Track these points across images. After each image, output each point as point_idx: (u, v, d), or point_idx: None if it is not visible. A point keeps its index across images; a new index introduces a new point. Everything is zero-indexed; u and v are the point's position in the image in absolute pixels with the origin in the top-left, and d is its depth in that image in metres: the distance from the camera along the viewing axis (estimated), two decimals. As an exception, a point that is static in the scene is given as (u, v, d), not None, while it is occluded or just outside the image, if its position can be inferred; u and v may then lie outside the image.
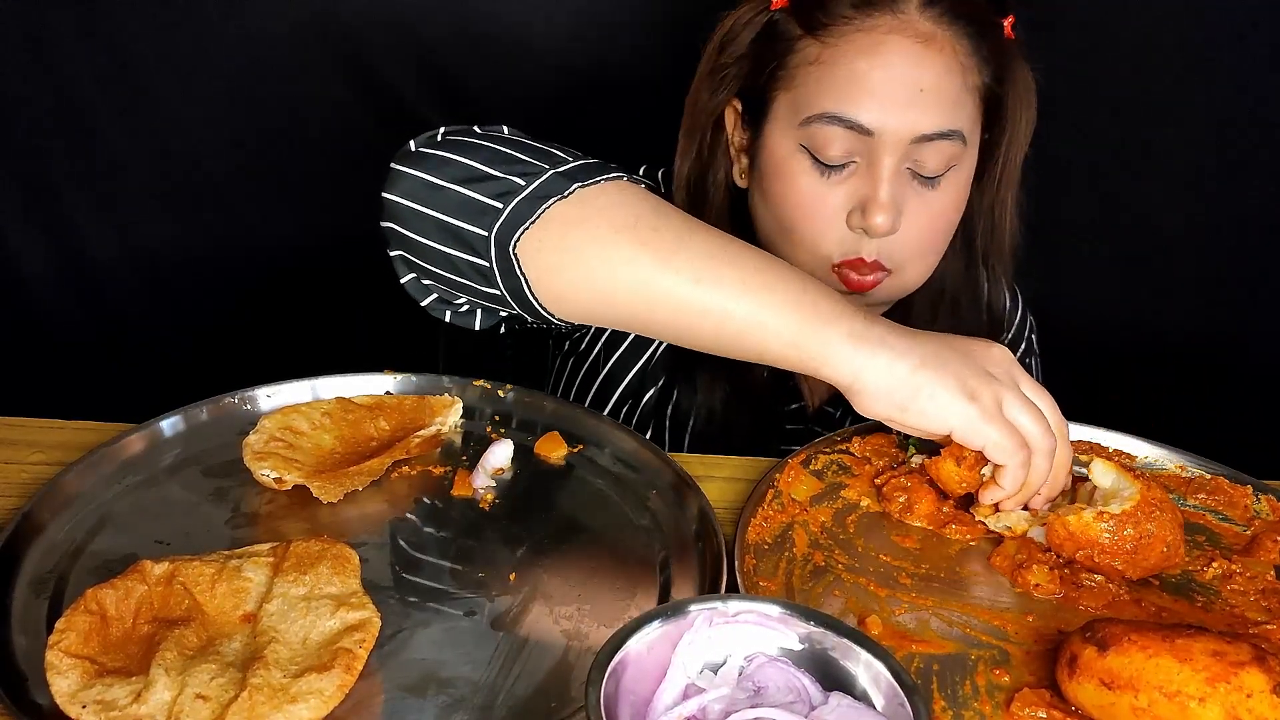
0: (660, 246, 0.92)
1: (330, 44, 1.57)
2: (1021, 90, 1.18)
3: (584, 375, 1.33)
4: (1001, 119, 1.18)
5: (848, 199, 1.12)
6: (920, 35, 1.09)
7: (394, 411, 1.05)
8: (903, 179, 1.11)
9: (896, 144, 1.09)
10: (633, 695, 0.68)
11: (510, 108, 1.62)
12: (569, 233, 0.93)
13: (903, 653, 0.83)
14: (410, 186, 0.96)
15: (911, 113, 1.09)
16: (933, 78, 1.09)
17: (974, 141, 1.15)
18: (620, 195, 0.96)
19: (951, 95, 1.10)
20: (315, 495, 0.92)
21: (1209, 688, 0.70)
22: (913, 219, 1.13)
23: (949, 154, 1.11)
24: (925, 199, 1.13)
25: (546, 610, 0.85)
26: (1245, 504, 1.03)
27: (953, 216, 1.17)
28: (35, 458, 0.99)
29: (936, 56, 1.09)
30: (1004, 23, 1.16)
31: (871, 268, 1.14)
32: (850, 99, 1.09)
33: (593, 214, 0.94)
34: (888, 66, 1.09)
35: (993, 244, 1.25)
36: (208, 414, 1.03)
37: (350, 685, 0.74)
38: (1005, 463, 0.91)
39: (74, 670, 0.72)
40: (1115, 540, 0.90)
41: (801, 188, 1.13)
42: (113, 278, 1.68)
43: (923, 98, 1.09)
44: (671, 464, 1.00)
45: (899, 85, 1.09)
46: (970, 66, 1.12)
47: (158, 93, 1.56)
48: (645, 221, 0.94)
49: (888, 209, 1.10)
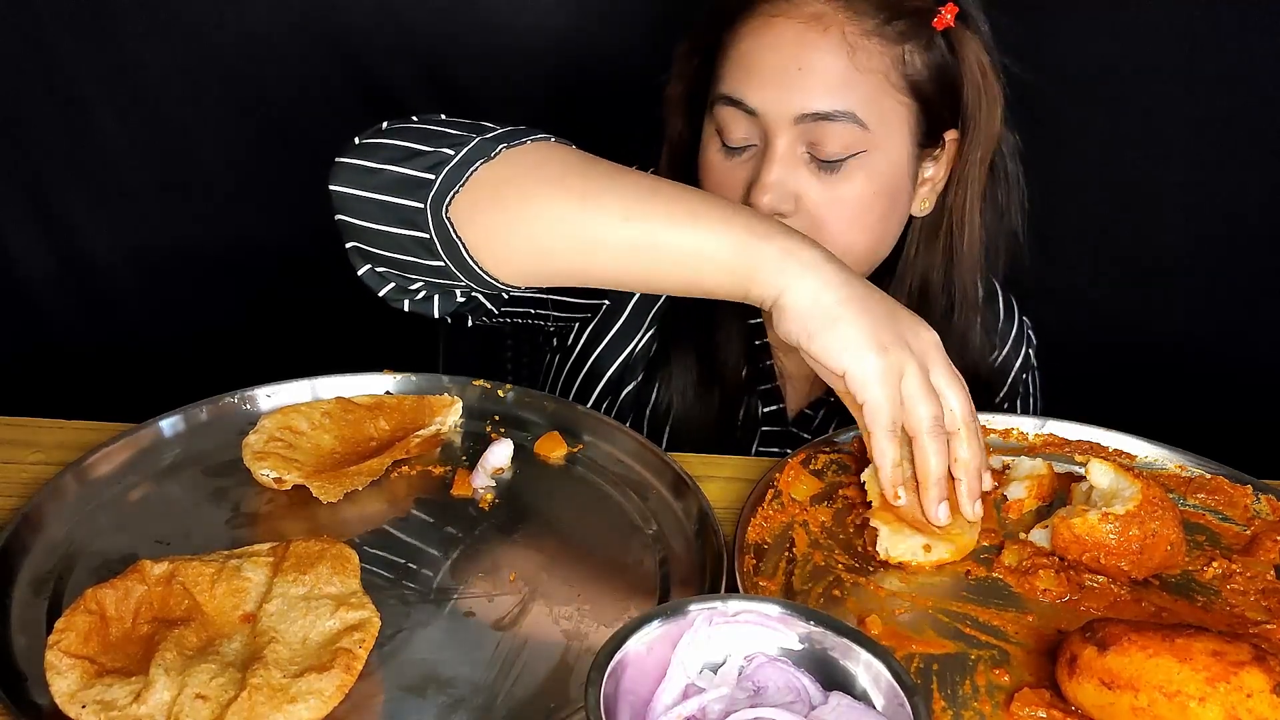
0: (587, 192, 0.93)
1: (329, 44, 1.57)
2: (978, 84, 1.17)
3: (569, 369, 1.34)
4: (958, 116, 1.18)
5: (746, 180, 1.14)
6: (808, 16, 1.11)
7: (394, 411, 1.05)
8: (797, 162, 1.12)
9: (781, 123, 1.10)
10: (632, 695, 0.68)
11: (508, 106, 1.62)
12: (499, 193, 0.94)
13: (903, 653, 0.83)
14: (350, 174, 0.98)
15: (791, 92, 1.10)
16: (814, 56, 1.10)
17: (890, 130, 1.13)
18: (547, 152, 0.97)
19: (837, 75, 1.10)
20: (315, 495, 0.92)
21: (1209, 687, 0.70)
22: (812, 203, 1.13)
23: (846, 138, 1.11)
24: (826, 184, 1.13)
25: (546, 610, 0.85)
26: (1245, 504, 1.03)
27: (863, 205, 1.14)
28: (35, 458, 0.99)
29: (820, 36, 1.10)
30: (940, 10, 1.14)
31: None
32: (737, 80, 1.13)
33: (520, 172, 0.95)
34: (770, 47, 1.11)
35: (960, 246, 1.24)
36: (208, 414, 1.03)
37: (350, 685, 0.74)
38: (873, 430, 0.89)
39: (74, 670, 0.72)
40: (1121, 541, 0.90)
41: (710, 169, 1.18)
42: (112, 277, 1.68)
43: (802, 76, 1.09)
44: (671, 464, 1.00)
45: (777, 65, 1.10)
46: (870, 50, 1.10)
47: (157, 92, 1.56)
48: (573, 170, 0.95)
49: (771, 189, 1.10)
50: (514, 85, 1.62)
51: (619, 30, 1.60)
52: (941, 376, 0.92)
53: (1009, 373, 1.39)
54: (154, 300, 1.71)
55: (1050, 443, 1.11)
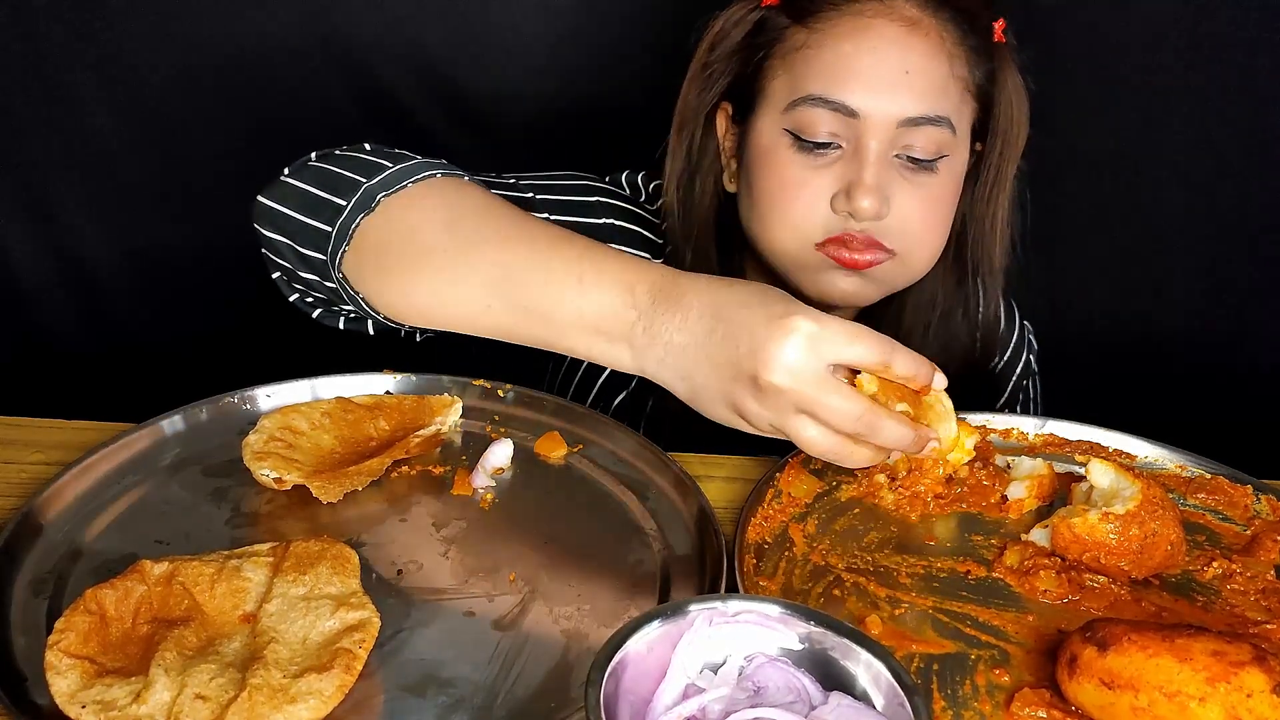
0: (456, 275, 0.94)
1: (326, 45, 1.57)
2: (1013, 98, 1.18)
3: (565, 372, 1.33)
4: (993, 126, 1.19)
5: (833, 182, 1.12)
6: (906, 20, 1.10)
7: (394, 411, 1.05)
8: (890, 165, 1.11)
9: (883, 126, 1.09)
10: (633, 695, 0.68)
11: (507, 111, 1.62)
12: (381, 260, 0.97)
13: (903, 653, 0.83)
14: (267, 215, 1.03)
15: (898, 95, 1.09)
16: (919, 60, 1.10)
17: (964, 135, 1.15)
18: (422, 211, 0.97)
19: (938, 80, 1.11)
20: (315, 495, 0.92)
21: (1209, 687, 0.70)
22: (904, 204, 1.12)
23: (938, 141, 1.11)
24: (917, 184, 1.13)
25: (546, 610, 0.85)
26: (1245, 504, 1.03)
27: (948, 206, 1.17)
28: (35, 458, 0.99)
29: (922, 41, 1.10)
30: (994, 25, 1.16)
31: (865, 244, 1.12)
32: (836, 81, 1.10)
33: (397, 237, 0.97)
34: (873, 49, 1.10)
35: (983, 257, 1.25)
36: (208, 414, 1.03)
37: (350, 685, 0.74)
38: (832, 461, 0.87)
39: (74, 670, 0.72)
40: (1122, 540, 0.90)
41: (785, 170, 1.14)
42: (112, 278, 1.68)
43: (909, 80, 1.09)
44: (671, 464, 1.00)
45: (885, 67, 1.09)
46: (957, 56, 1.12)
47: (156, 94, 1.56)
48: (442, 240, 0.95)
49: (873, 192, 1.09)
50: (513, 89, 1.62)
51: (616, 32, 1.60)
52: (830, 349, 0.83)
53: (1010, 379, 1.39)
54: (154, 300, 1.71)
55: (1050, 443, 1.11)
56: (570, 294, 0.90)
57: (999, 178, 1.22)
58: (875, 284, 1.17)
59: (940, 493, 1.00)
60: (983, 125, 1.19)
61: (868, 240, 1.12)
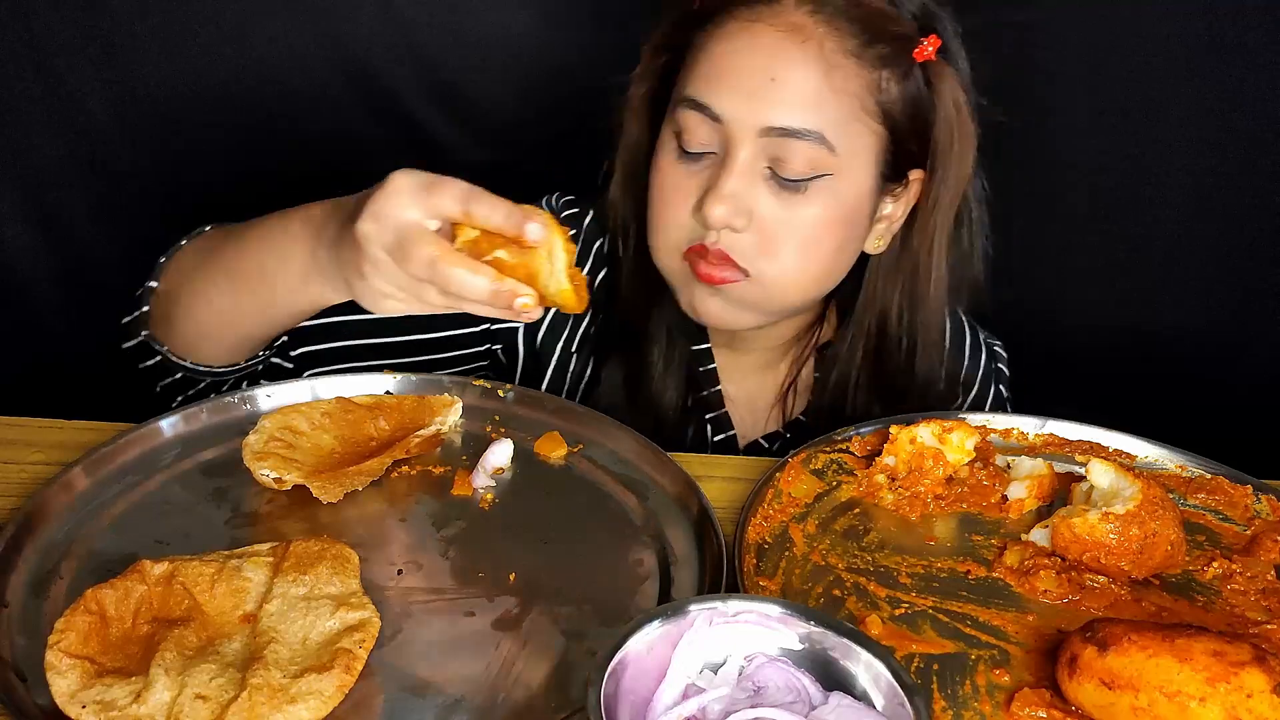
0: (200, 291, 1.08)
1: (329, 51, 1.57)
2: (952, 122, 1.12)
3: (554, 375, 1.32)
4: (925, 154, 1.13)
5: (700, 189, 1.09)
6: (788, 26, 1.06)
7: (394, 411, 1.05)
8: (757, 177, 1.08)
9: (745, 134, 1.06)
10: (633, 695, 0.68)
11: (507, 115, 1.62)
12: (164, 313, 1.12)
13: (903, 653, 0.83)
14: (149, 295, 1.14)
15: (760, 102, 1.06)
16: (787, 68, 1.05)
17: (853, 155, 1.09)
18: (178, 262, 1.13)
19: (809, 93, 1.06)
20: (315, 495, 0.92)
21: (1209, 688, 0.70)
22: (767, 221, 1.08)
23: (811, 158, 1.07)
24: (785, 203, 1.08)
25: (546, 610, 0.85)
26: (1245, 504, 1.03)
27: (821, 231, 1.11)
28: (35, 458, 0.99)
29: (797, 49, 1.06)
30: (923, 41, 1.10)
31: (719, 259, 1.09)
32: (705, 85, 1.08)
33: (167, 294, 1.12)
34: (744, 53, 1.07)
35: (918, 289, 1.20)
36: (208, 414, 1.03)
37: (350, 685, 0.74)
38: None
39: (74, 670, 0.72)
40: (1122, 540, 0.90)
41: (664, 174, 1.13)
42: (113, 278, 1.68)
43: (774, 88, 1.05)
44: (671, 464, 1.00)
45: (750, 73, 1.06)
46: (845, 70, 1.06)
47: (157, 96, 1.56)
48: (185, 278, 1.10)
49: (725, 200, 1.06)
50: (512, 92, 1.62)
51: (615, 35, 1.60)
52: (409, 199, 0.87)
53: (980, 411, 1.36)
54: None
55: (1050, 443, 1.11)
56: (275, 261, 1.01)
57: (935, 208, 1.15)
58: (738, 307, 1.14)
59: (940, 493, 1.00)
60: (921, 151, 1.13)
61: (720, 254, 1.09)
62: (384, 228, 0.87)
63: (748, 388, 1.32)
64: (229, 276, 1.06)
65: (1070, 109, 1.53)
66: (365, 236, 0.88)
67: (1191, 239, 1.64)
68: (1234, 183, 1.59)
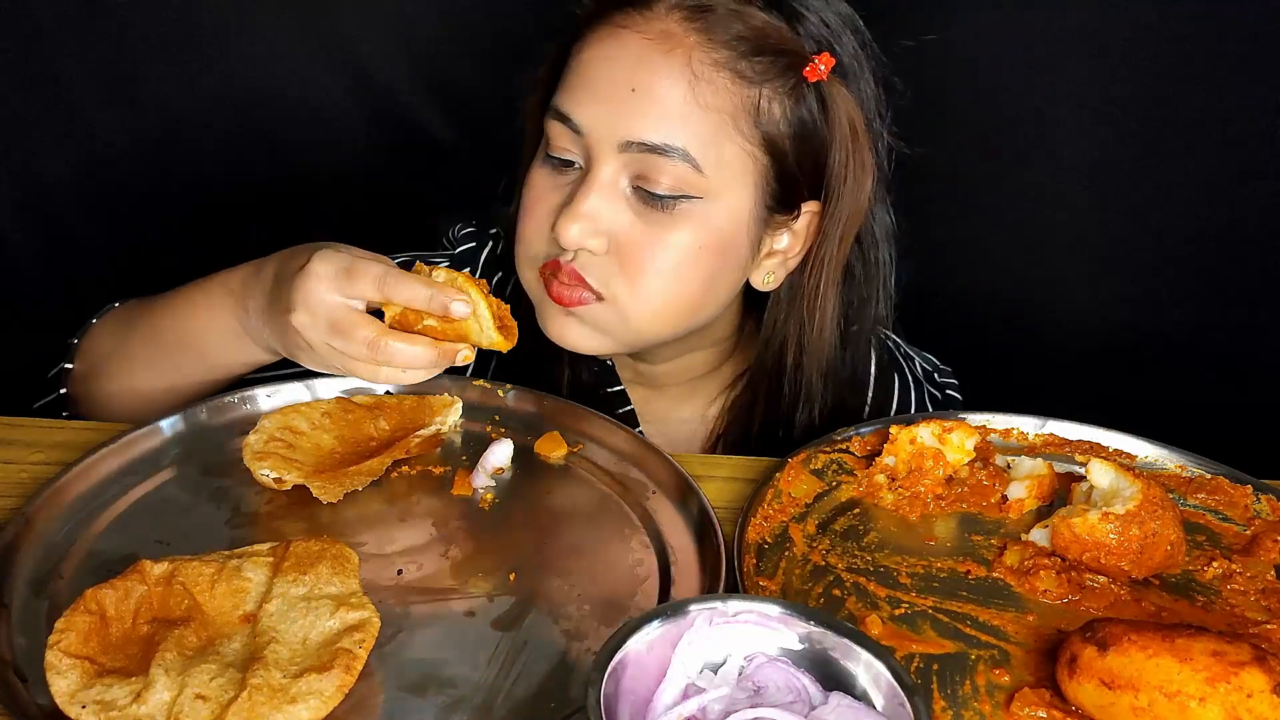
0: (125, 368, 1.12)
1: (327, 47, 1.57)
2: (845, 149, 1.05)
3: None
4: (821, 184, 1.07)
5: (562, 204, 1.04)
6: (656, 34, 1.00)
7: (394, 411, 1.05)
8: (618, 195, 1.02)
9: (605, 148, 1.00)
10: (633, 695, 0.68)
11: (503, 109, 1.61)
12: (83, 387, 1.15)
13: (903, 653, 0.83)
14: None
15: (619, 115, 0.99)
16: (650, 80, 0.99)
17: (722, 177, 1.02)
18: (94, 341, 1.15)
19: (672, 106, 0.99)
20: (315, 495, 0.92)
21: (1209, 688, 0.70)
22: (628, 243, 1.02)
23: (677, 177, 1.00)
24: (649, 224, 1.02)
25: (546, 610, 0.85)
26: (1245, 504, 1.03)
27: (689, 258, 1.03)
28: (35, 458, 0.99)
29: (663, 59, 0.99)
30: (815, 59, 1.02)
31: (572, 279, 1.04)
32: (569, 94, 1.03)
33: (88, 369, 1.14)
34: (607, 60, 1.01)
35: (807, 336, 1.12)
36: (208, 414, 1.03)
37: (350, 685, 0.74)
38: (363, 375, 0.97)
39: (74, 670, 0.72)
40: (1122, 541, 0.90)
41: (529, 184, 1.08)
42: (114, 279, 1.68)
43: (633, 99, 0.99)
44: (671, 464, 1.00)
45: (611, 82, 1.00)
46: (716, 84, 1.00)
47: (155, 95, 1.56)
48: (108, 356, 1.13)
49: (580, 219, 1.00)
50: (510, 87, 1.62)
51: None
52: (333, 289, 0.93)
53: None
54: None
55: (1050, 443, 1.11)
56: (201, 331, 1.05)
57: (825, 242, 1.08)
58: (596, 332, 1.08)
59: (940, 493, 1.00)
60: (815, 181, 1.06)
61: (573, 273, 1.04)
62: (317, 317, 0.93)
63: (667, 430, 1.26)
64: (156, 350, 1.09)
65: (1068, 109, 1.53)
66: (301, 326, 0.94)
67: (1192, 239, 1.64)
68: (1235, 183, 1.59)
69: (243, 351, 1.06)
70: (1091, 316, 1.71)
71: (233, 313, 1.04)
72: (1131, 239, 1.66)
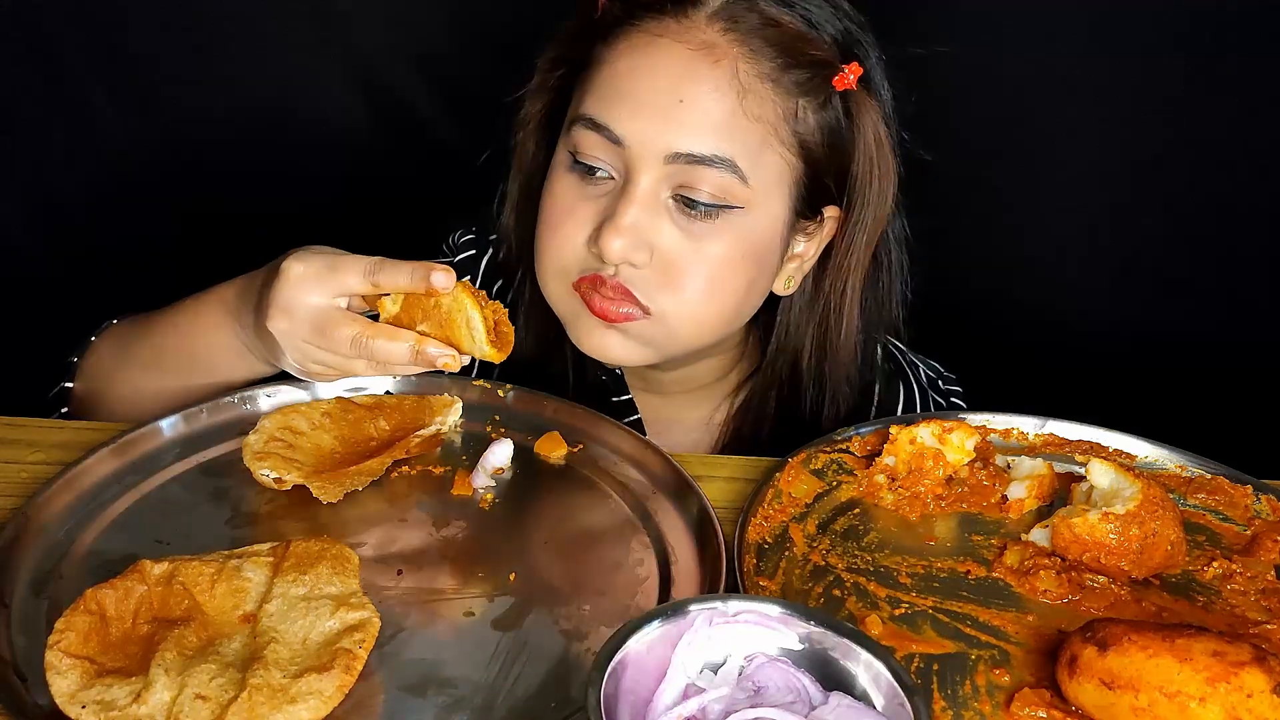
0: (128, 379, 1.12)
1: (330, 45, 1.57)
2: (873, 156, 1.05)
3: None
4: (842, 190, 1.06)
5: (598, 215, 1.01)
6: (698, 44, 0.98)
7: (394, 411, 1.05)
8: (661, 209, 1.00)
9: (649, 161, 0.99)
10: (633, 695, 0.68)
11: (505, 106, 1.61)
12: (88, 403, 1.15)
13: (903, 653, 0.83)
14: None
15: (666, 126, 0.98)
16: (697, 90, 0.98)
17: (766, 188, 1.02)
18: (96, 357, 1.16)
19: (719, 116, 0.98)
20: (315, 495, 0.92)
21: (1209, 688, 0.70)
22: (671, 255, 1.01)
23: (721, 188, 0.99)
24: (691, 235, 1.01)
25: (546, 610, 0.85)
26: (1245, 504, 1.03)
27: (731, 268, 1.03)
28: (35, 458, 0.99)
29: (709, 69, 0.98)
30: (844, 68, 1.02)
31: (617, 293, 1.02)
32: (605, 104, 1.00)
33: (92, 384, 1.15)
34: (649, 71, 0.99)
35: (834, 338, 1.13)
36: (208, 414, 1.03)
37: (350, 685, 0.74)
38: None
39: (74, 670, 0.72)
40: (1122, 541, 0.90)
41: (555, 195, 1.05)
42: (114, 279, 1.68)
43: (681, 110, 0.97)
44: (671, 464, 1.00)
45: (655, 93, 0.98)
46: (760, 95, 0.99)
47: (159, 90, 1.56)
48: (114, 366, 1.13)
49: (624, 233, 0.98)
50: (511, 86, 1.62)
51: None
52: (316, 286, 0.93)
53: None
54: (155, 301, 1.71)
55: (1050, 443, 1.11)
56: (202, 347, 1.06)
57: (851, 249, 1.08)
58: (638, 345, 1.07)
59: (940, 493, 1.00)
60: (838, 187, 1.06)
61: (619, 288, 1.02)
62: (297, 321, 0.93)
63: (673, 436, 1.25)
64: (161, 370, 1.09)
65: (1070, 110, 1.53)
66: (281, 333, 0.94)
67: (1192, 239, 1.64)
68: (1235, 182, 1.59)
69: (246, 366, 1.06)
70: (1092, 317, 1.71)
71: (231, 330, 1.04)
72: (1132, 241, 1.66)
